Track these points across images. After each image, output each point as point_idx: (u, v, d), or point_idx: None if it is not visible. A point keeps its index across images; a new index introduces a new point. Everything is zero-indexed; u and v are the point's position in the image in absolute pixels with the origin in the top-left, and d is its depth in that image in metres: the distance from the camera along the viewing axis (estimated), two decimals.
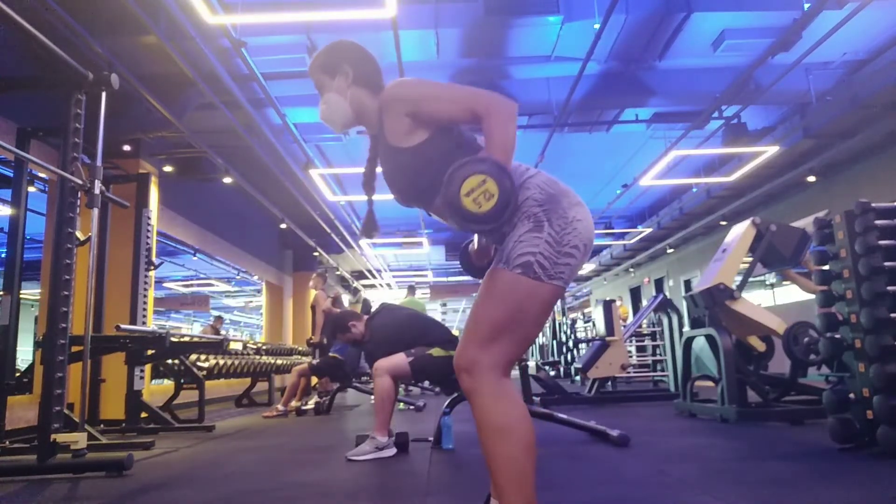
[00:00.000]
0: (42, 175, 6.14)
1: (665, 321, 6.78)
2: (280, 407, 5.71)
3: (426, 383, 7.51)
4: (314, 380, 6.76)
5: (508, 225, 1.36)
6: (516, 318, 1.29)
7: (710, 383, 4.48)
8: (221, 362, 6.37)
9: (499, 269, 1.32)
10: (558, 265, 1.30)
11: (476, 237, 1.69)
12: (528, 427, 1.25)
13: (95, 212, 2.94)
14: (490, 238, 1.51)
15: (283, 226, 9.36)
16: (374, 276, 15.31)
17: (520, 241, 1.31)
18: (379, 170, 1.56)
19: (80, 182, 2.85)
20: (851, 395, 2.77)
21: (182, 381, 5.58)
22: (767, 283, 9.77)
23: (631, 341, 8.64)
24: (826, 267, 2.99)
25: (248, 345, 7.97)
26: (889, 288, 2.66)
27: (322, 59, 1.54)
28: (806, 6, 4.72)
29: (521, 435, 1.24)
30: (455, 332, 3.48)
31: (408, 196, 1.49)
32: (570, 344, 10.50)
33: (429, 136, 1.40)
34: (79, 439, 2.68)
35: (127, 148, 5.61)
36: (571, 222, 1.32)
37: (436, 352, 3.32)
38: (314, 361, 5.91)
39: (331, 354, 5.72)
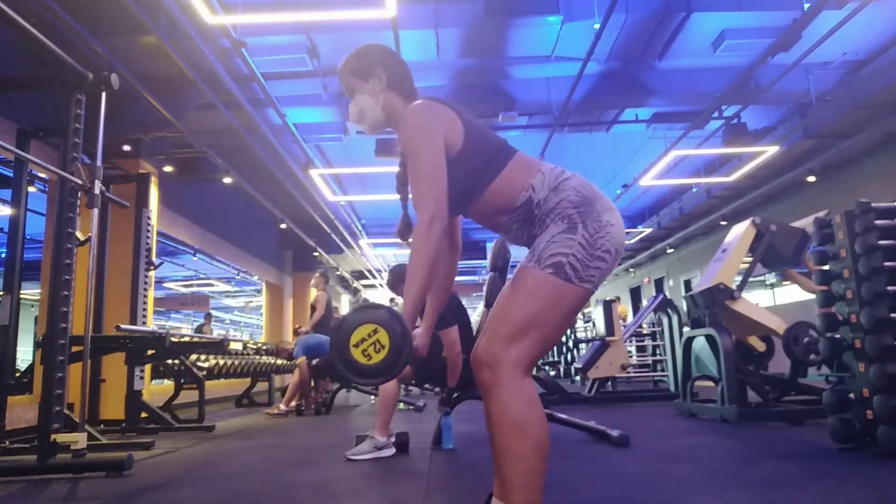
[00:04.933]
0: (42, 175, 6.13)
1: (665, 321, 6.77)
2: (282, 406, 5.71)
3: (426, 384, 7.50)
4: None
5: (540, 227, 1.35)
6: (542, 318, 1.27)
7: (710, 383, 4.48)
8: (221, 362, 6.37)
9: (529, 267, 1.31)
10: (589, 268, 1.29)
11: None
12: (544, 429, 1.24)
13: (95, 212, 2.94)
14: (518, 239, 1.49)
15: (283, 226, 9.36)
16: (373, 276, 15.29)
17: (553, 240, 1.30)
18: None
19: (80, 182, 2.85)
20: (851, 395, 2.78)
21: (182, 381, 5.59)
22: (767, 283, 9.77)
23: (631, 341, 8.63)
24: (826, 267, 2.99)
25: (248, 345, 7.98)
26: (889, 288, 2.66)
27: (353, 63, 1.53)
28: (806, 6, 4.71)
29: (536, 435, 1.22)
30: None
31: None
32: (570, 344, 10.50)
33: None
34: (79, 439, 2.68)
35: (127, 148, 5.61)
36: (605, 226, 1.32)
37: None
38: (314, 362, 5.90)
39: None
